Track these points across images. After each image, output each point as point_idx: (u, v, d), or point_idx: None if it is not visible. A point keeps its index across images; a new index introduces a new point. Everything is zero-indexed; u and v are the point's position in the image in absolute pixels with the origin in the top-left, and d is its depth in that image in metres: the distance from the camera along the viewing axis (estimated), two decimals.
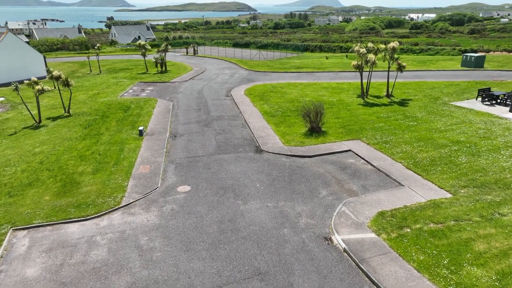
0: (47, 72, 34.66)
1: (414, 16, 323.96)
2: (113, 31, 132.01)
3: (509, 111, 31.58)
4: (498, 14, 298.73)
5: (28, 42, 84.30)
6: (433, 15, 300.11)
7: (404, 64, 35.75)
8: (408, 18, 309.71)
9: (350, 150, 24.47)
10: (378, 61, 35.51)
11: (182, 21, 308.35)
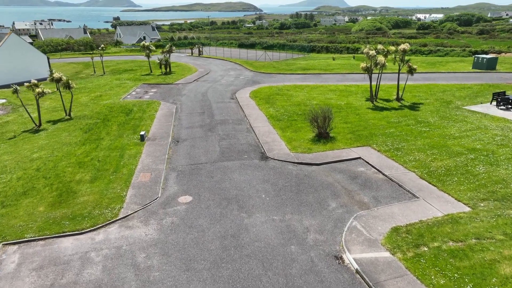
0: (49, 74, 33.83)
1: (421, 16, 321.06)
2: (119, 32, 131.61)
3: None
4: (507, 14, 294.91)
5: (32, 43, 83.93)
6: (440, 15, 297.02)
7: (415, 66, 34.48)
8: (415, 18, 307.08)
9: (360, 158, 23.34)
10: (387, 63, 34.33)
11: (188, 21, 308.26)
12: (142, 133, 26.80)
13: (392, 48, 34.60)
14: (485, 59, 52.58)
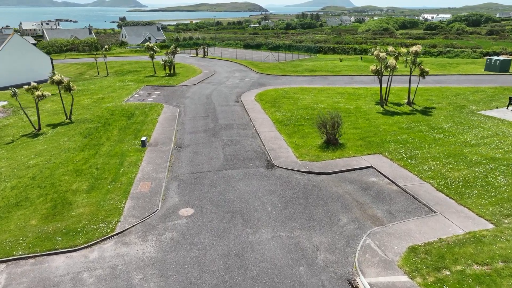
0: (51, 76, 32.91)
1: (428, 16, 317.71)
2: (124, 32, 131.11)
3: None
4: None
5: (35, 44, 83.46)
6: (448, 16, 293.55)
7: (427, 69, 33.16)
8: (422, 18, 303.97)
9: (371, 167, 22.11)
10: (397, 65, 33.02)
11: (194, 22, 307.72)
12: (144, 138, 25.79)
13: (404, 50, 33.31)
14: (498, 61, 50.98)
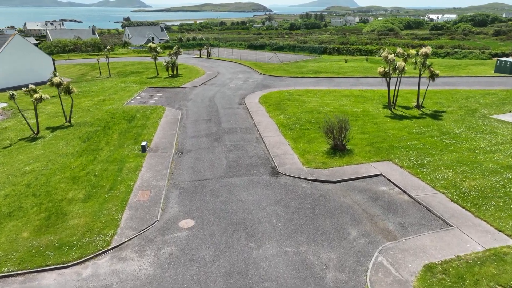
0: (51, 78, 32.11)
1: (433, 16, 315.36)
2: (127, 32, 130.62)
3: None
4: None
5: (37, 44, 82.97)
6: (453, 16, 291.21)
7: (437, 71, 32.09)
8: (427, 18, 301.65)
9: (381, 175, 21.11)
10: (405, 66, 31.98)
11: (198, 22, 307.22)
12: (144, 143, 24.93)
13: (413, 51, 32.20)
14: (508, 63, 49.69)
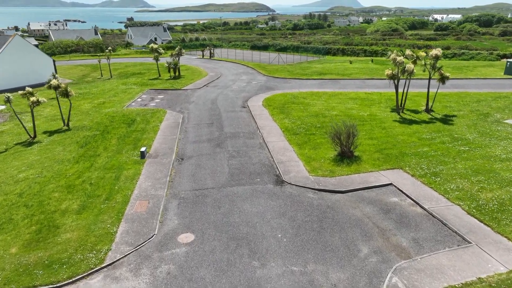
0: (49, 80, 31.19)
1: (438, 17, 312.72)
2: (130, 33, 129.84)
3: None
4: None
5: (37, 45, 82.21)
6: (458, 16, 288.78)
7: (448, 74, 30.94)
8: (431, 19, 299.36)
9: (391, 184, 20.03)
10: (414, 69, 30.88)
11: (201, 22, 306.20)
12: (143, 149, 23.97)
13: (423, 54, 31.08)
14: None
